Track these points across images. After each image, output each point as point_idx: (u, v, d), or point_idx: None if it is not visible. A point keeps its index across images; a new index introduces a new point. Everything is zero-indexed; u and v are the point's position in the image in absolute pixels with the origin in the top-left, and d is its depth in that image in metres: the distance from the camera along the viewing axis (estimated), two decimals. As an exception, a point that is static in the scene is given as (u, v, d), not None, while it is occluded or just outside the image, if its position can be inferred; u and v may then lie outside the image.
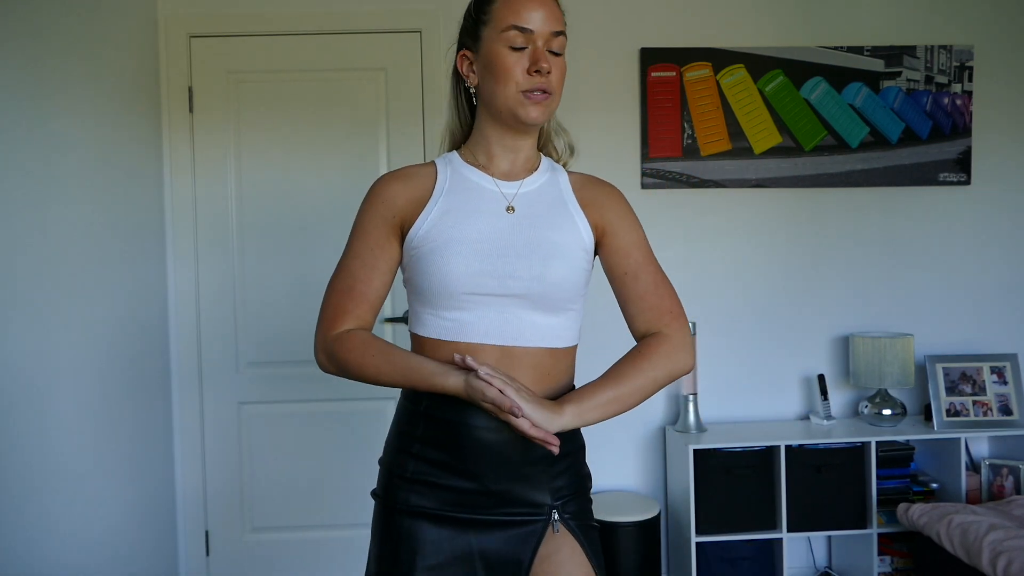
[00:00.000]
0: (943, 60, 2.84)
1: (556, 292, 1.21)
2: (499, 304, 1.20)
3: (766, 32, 2.83)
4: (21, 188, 1.87)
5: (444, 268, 1.19)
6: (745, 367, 2.86)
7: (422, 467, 1.22)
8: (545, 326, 1.23)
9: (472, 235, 1.22)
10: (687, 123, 2.80)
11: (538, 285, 1.20)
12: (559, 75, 1.25)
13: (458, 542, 1.20)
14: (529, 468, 1.21)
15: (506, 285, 1.19)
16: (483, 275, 1.19)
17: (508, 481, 1.20)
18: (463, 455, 1.19)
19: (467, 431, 1.19)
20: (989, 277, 2.90)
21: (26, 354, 1.85)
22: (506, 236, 1.22)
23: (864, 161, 2.84)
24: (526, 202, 1.27)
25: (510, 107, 1.23)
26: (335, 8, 2.76)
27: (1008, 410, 2.69)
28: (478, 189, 1.27)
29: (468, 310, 1.20)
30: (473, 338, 1.20)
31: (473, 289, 1.19)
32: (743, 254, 2.87)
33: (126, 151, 2.47)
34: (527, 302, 1.21)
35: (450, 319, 1.21)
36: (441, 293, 1.19)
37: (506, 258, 1.20)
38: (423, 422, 1.22)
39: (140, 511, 2.45)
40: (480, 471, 1.19)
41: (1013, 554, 2.04)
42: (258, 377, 2.80)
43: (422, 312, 1.24)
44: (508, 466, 1.20)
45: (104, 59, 2.32)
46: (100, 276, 2.23)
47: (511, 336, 1.21)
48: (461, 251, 1.20)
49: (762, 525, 2.60)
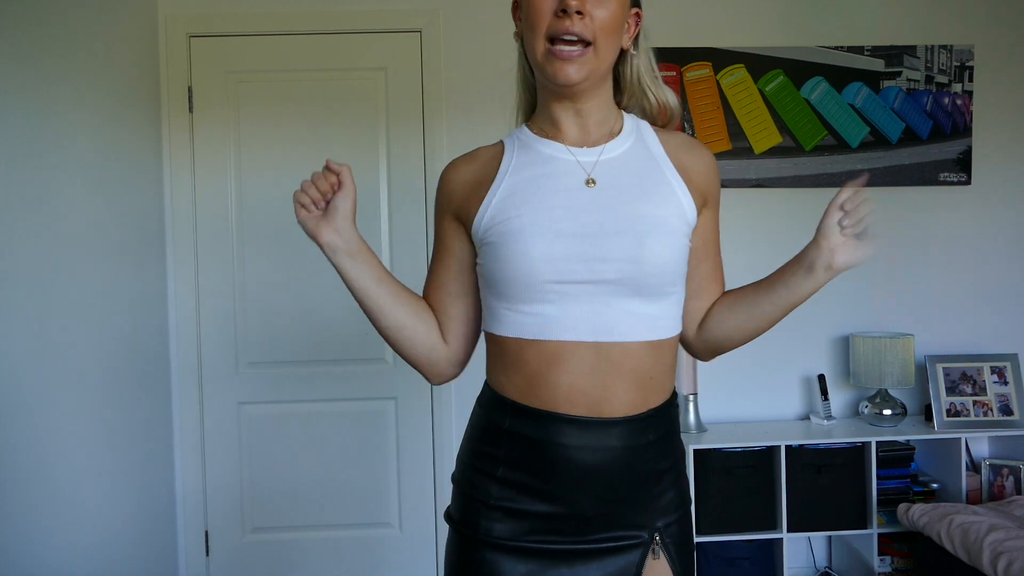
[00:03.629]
0: (943, 60, 2.84)
1: (656, 275, 1.03)
2: (588, 293, 1.03)
3: (766, 32, 2.83)
4: (21, 188, 1.86)
5: (520, 255, 1.02)
6: (745, 367, 2.85)
7: (506, 492, 1.07)
8: (644, 315, 1.05)
9: (549, 215, 1.04)
10: (687, 123, 2.80)
11: (634, 268, 1.02)
12: (606, 21, 1.01)
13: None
14: (632, 488, 1.06)
15: (596, 270, 1.02)
16: (568, 260, 1.02)
17: (607, 504, 1.05)
18: (555, 479, 1.04)
19: (560, 452, 1.04)
20: (989, 277, 2.90)
21: (26, 354, 1.85)
22: (591, 213, 1.04)
23: (864, 161, 2.84)
24: (610, 172, 1.08)
25: (541, 64, 1.04)
26: (335, 8, 2.76)
27: (1008, 410, 2.69)
28: (550, 161, 1.09)
29: (552, 302, 1.03)
30: (560, 335, 1.03)
31: (557, 277, 1.02)
32: (743, 254, 2.85)
33: (126, 151, 2.46)
34: (622, 288, 1.03)
35: (531, 314, 1.04)
36: (518, 284, 1.03)
37: (594, 238, 1.02)
38: (506, 441, 1.08)
39: (140, 511, 2.45)
40: (575, 496, 1.05)
41: (1013, 554, 2.04)
42: (258, 377, 2.80)
43: (497, 307, 1.08)
44: (608, 488, 1.05)
45: (104, 59, 2.32)
46: (100, 276, 2.23)
47: (605, 330, 1.03)
48: (539, 234, 1.03)
49: (762, 525, 2.59)
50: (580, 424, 1.04)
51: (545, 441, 1.04)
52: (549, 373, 1.04)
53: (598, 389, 1.04)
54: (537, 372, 1.05)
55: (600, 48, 1.03)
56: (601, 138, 1.11)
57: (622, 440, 1.05)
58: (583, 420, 1.04)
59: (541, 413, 1.04)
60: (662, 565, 1.07)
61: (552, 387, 1.04)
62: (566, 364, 1.03)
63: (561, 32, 1.00)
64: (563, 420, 1.03)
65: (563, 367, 1.04)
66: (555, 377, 1.04)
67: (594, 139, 1.10)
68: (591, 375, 1.03)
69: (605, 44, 1.03)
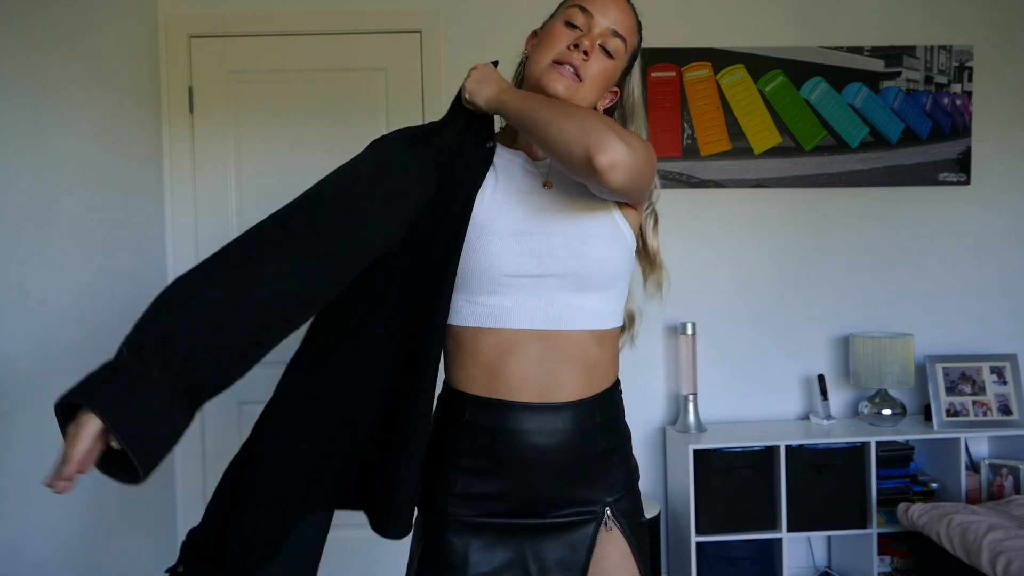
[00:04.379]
0: (943, 60, 2.84)
1: (597, 271, 1.16)
2: (538, 285, 1.14)
3: (766, 32, 2.83)
4: (21, 187, 1.87)
5: (484, 248, 1.13)
6: (745, 367, 2.86)
7: (469, 479, 1.16)
8: (588, 307, 1.17)
9: (509, 213, 1.17)
10: (687, 123, 2.80)
11: (578, 264, 1.14)
12: (599, 73, 1.18)
13: (511, 549, 1.15)
14: (585, 467, 1.17)
15: (545, 264, 1.14)
16: (521, 255, 1.14)
17: (564, 484, 1.16)
18: (514, 463, 1.14)
19: (516, 437, 1.14)
20: (989, 277, 2.90)
21: (26, 353, 1.86)
22: (544, 213, 1.17)
23: (864, 161, 2.84)
24: (563, 176, 1.19)
25: (537, 75, 1.17)
26: (335, 8, 2.76)
27: (1008, 410, 2.69)
28: (519, 169, 1.22)
29: (506, 294, 1.14)
30: (513, 323, 1.14)
31: (512, 270, 1.13)
32: (743, 254, 2.87)
33: (126, 151, 2.46)
34: (567, 282, 1.15)
35: (487, 305, 1.15)
36: (480, 276, 1.14)
37: (542, 236, 1.14)
38: (467, 432, 1.17)
39: (140, 511, 2.45)
40: (532, 477, 1.15)
41: (1013, 554, 2.04)
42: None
43: (456, 300, 1.16)
44: (563, 469, 1.16)
45: (104, 59, 2.32)
46: (100, 275, 2.23)
47: (552, 319, 1.14)
48: (500, 232, 1.14)
49: (762, 525, 2.60)
50: (533, 409, 1.14)
51: (503, 429, 1.14)
52: (503, 363, 1.14)
53: (548, 376, 1.14)
54: (492, 362, 1.15)
55: (585, 88, 1.17)
56: None
57: (571, 423, 1.15)
58: (535, 405, 1.14)
59: (497, 402, 1.14)
60: (615, 536, 1.18)
61: (507, 376, 1.14)
62: (518, 353, 1.14)
63: (565, 60, 1.16)
64: (517, 407, 1.13)
65: (515, 356, 1.14)
66: (509, 367, 1.14)
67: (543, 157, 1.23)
68: (540, 363, 1.14)
69: (589, 88, 1.18)
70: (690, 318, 2.77)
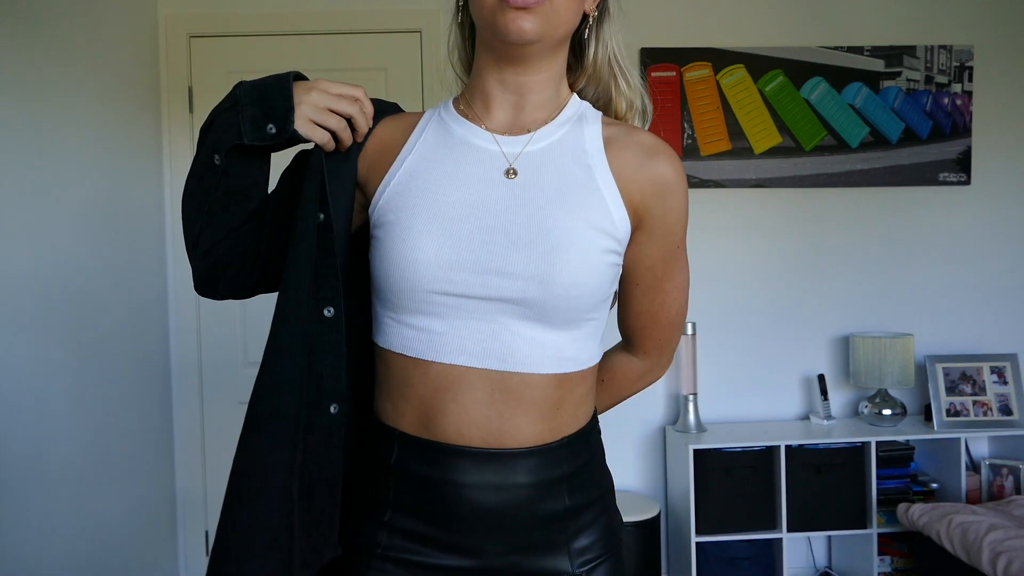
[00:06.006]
0: (943, 60, 2.84)
1: (564, 299, 0.84)
2: (482, 310, 0.85)
3: (766, 32, 2.83)
4: (21, 187, 1.87)
5: (404, 254, 0.85)
6: (745, 367, 2.86)
7: (397, 541, 0.89)
8: (549, 345, 0.87)
9: (447, 209, 0.86)
10: (687, 123, 2.80)
11: (539, 289, 0.84)
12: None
13: None
14: (542, 530, 0.89)
15: (492, 285, 0.84)
16: (459, 268, 0.84)
17: (516, 552, 0.89)
18: (453, 524, 0.87)
19: (456, 492, 0.86)
20: (989, 277, 2.90)
21: (26, 353, 1.85)
22: (499, 214, 0.86)
23: (864, 161, 2.84)
24: (533, 166, 0.88)
25: (487, 18, 0.84)
26: (335, 8, 2.76)
27: (1008, 410, 2.69)
28: (463, 147, 0.91)
29: (439, 316, 0.86)
30: (449, 357, 0.86)
31: (444, 288, 0.84)
32: (743, 254, 2.87)
33: (126, 151, 2.47)
34: (522, 310, 0.85)
35: (416, 327, 0.87)
36: (400, 290, 0.86)
37: (494, 245, 0.84)
38: (395, 480, 0.90)
39: (140, 511, 2.45)
40: (478, 544, 0.88)
41: (1013, 554, 2.04)
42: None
43: (381, 314, 0.91)
44: (514, 532, 0.88)
45: (104, 59, 2.32)
46: (100, 275, 2.23)
47: (499, 357, 0.85)
48: (429, 230, 0.85)
49: (762, 525, 2.59)
50: (476, 457, 0.86)
51: (439, 481, 0.87)
52: (439, 401, 0.87)
53: (495, 420, 0.87)
54: (425, 399, 0.88)
55: (558, 1, 0.84)
56: (535, 124, 0.91)
57: (529, 475, 0.88)
58: (480, 452, 0.87)
59: (432, 445, 0.87)
60: None
61: (442, 417, 0.87)
62: (456, 392, 0.86)
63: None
64: (458, 453, 0.86)
65: (453, 395, 0.86)
66: (443, 405, 0.87)
67: (526, 123, 0.91)
68: (486, 405, 0.86)
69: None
70: (690, 318, 2.77)
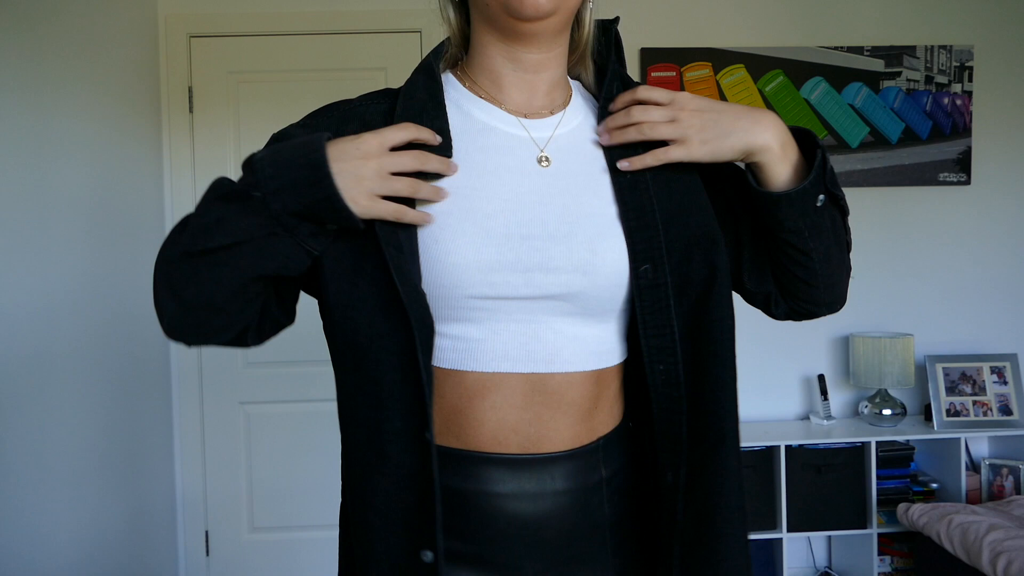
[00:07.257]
0: (943, 60, 2.84)
1: (608, 289, 0.80)
2: (525, 311, 0.79)
3: (766, 32, 2.83)
4: (20, 187, 1.87)
5: (440, 258, 0.77)
6: (745, 367, 2.83)
7: None
8: (590, 339, 0.82)
9: (481, 204, 0.79)
10: (687, 123, 2.80)
11: (582, 281, 0.79)
12: None
13: None
14: (583, 543, 0.83)
15: (535, 283, 0.78)
16: (500, 268, 0.77)
17: (554, 566, 0.82)
18: (487, 540, 0.81)
19: (491, 503, 0.81)
20: (989, 277, 2.90)
21: (26, 352, 1.85)
22: (535, 206, 0.79)
23: (864, 161, 2.84)
24: (563, 152, 0.83)
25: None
26: (335, 8, 2.76)
27: (1008, 410, 2.69)
28: (487, 133, 0.83)
29: (477, 322, 0.79)
30: (486, 364, 0.80)
31: (485, 291, 0.78)
32: (743, 254, 2.87)
33: (126, 151, 2.47)
34: (567, 306, 0.80)
35: (450, 337, 0.80)
36: (435, 297, 0.78)
37: (533, 240, 0.78)
38: None
39: (140, 511, 2.45)
40: (514, 560, 0.81)
41: (1013, 554, 2.04)
42: (259, 376, 2.80)
43: None
44: (553, 546, 0.82)
45: (104, 59, 2.32)
46: (100, 275, 2.23)
47: (543, 359, 0.80)
48: (464, 230, 0.77)
49: (762, 525, 2.59)
50: (512, 465, 0.81)
51: (470, 492, 0.81)
52: (470, 408, 0.81)
53: (534, 424, 0.81)
54: (457, 408, 0.81)
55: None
56: (551, 107, 0.86)
57: (567, 482, 0.82)
58: (515, 459, 0.81)
59: (462, 454, 0.81)
60: None
61: (475, 424, 0.81)
62: (492, 397, 0.80)
63: None
64: (491, 461, 0.80)
65: (488, 401, 0.80)
66: (478, 413, 0.81)
67: (543, 105, 0.85)
68: (523, 409, 0.81)
69: None
70: (690, 318, 2.77)
